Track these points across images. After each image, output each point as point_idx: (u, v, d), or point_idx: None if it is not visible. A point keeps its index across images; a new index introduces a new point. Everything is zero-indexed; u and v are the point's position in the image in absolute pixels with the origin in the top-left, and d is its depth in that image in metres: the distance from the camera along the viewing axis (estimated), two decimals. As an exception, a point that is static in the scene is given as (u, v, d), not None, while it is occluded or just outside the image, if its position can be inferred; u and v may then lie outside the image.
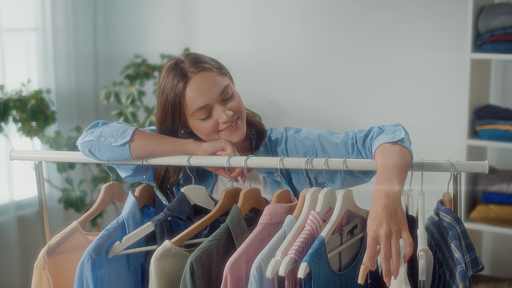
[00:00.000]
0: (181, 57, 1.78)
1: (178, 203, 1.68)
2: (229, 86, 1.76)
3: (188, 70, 1.73)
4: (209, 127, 1.74)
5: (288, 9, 3.77)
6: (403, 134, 1.59)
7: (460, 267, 1.44)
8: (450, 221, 1.53)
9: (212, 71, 1.74)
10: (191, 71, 1.72)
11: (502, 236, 3.45)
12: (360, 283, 1.41)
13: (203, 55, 1.81)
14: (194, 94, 1.71)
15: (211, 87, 1.72)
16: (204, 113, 1.73)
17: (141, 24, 4.16)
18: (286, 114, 3.81)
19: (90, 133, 1.75)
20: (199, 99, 1.72)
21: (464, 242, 1.52)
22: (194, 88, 1.72)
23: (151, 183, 1.89)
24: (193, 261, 1.47)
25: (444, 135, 3.44)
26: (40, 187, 1.86)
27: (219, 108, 1.73)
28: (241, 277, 1.48)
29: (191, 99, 1.72)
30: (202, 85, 1.72)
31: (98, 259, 1.59)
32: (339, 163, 1.64)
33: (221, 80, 1.75)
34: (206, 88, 1.72)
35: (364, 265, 1.43)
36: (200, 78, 1.72)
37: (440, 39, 3.41)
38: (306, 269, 1.41)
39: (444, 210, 1.56)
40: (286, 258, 1.42)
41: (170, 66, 1.77)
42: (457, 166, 1.59)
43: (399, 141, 1.56)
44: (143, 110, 3.76)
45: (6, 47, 3.61)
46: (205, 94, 1.71)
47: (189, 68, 1.73)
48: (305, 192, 1.63)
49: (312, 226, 1.54)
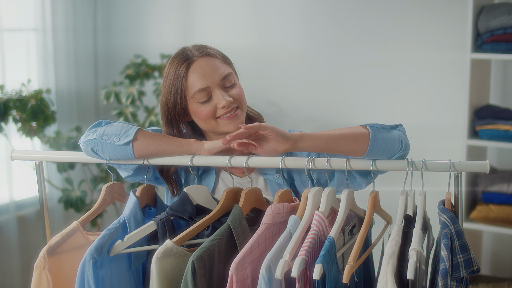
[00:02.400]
0: (188, 46, 1.83)
1: (181, 202, 1.68)
2: (232, 75, 1.79)
3: (192, 54, 1.77)
4: (208, 111, 1.75)
5: (288, 10, 3.78)
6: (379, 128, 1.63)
7: (443, 265, 1.44)
8: (444, 220, 1.53)
9: (216, 57, 1.79)
10: (196, 55, 1.77)
11: (502, 236, 3.45)
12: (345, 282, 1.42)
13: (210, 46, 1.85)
14: (196, 76, 1.75)
15: (214, 71, 1.75)
16: (204, 95, 1.74)
17: (141, 24, 4.16)
18: (286, 114, 3.81)
19: (93, 132, 1.75)
20: (200, 81, 1.74)
21: (458, 242, 1.51)
22: (197, 70, 1.75)
23: (152, 183, 1.89)
24: (194, 260, 1.47)
25: (444, 135, 3.44)
26: (40, 187, 1.86)
27: (219, 93, 1.74)
28: (246, 277, 1.48)
29: (192, 81, 1.75)
30: (205, 68, 1.75)
31: (100, 259, 1.59)
32: (342, 163, 1.64)
33: (224, 67, 1.79)
34: (208, 71, 1.75)
35: (349, 265, 1.44)
36: (204, 61, 1.76)
37: (440, 39, 3.41)
38: (321, 270, 1.42)
39: (441, 209, 1.56)
40: (297, 259, 1.42)
41: (177, 52, 1.81)
42: (458, 166, 1.59)
43: (370, 127, 1.62)
44: (143, 110, 3.76)
45: (6, 47, 3.61)
46: (206, 76, 1.74)
47: (194, 53, 1.78)
48: (307, 192, 1.63)
49: (319, 226, 1.54)
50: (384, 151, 1.62)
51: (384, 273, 1.40)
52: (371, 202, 1.64)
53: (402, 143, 1.63)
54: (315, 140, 1.64)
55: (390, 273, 1.39)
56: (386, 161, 1.63)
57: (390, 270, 1.39)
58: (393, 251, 1.44)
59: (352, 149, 1.62)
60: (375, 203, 1.66)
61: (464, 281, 1.53)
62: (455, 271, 1.51)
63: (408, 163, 1.61)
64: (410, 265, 1.38)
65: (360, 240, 1.53)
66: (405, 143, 1.65)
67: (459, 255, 1.51)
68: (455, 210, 1.61)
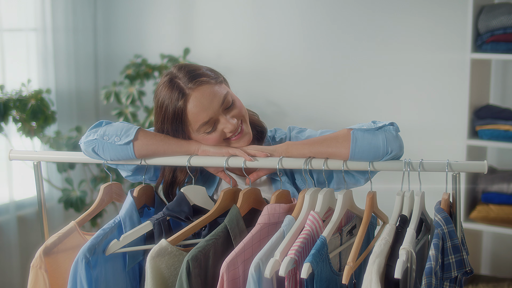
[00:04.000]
0: (174, 71, 1.75)
1: (177, 203, 1.68)
2: (228, 94, 1.74)
3: (185, 87, 1.70)
4: (216, 138, 1.73)
5: (288, 9, 3.77)
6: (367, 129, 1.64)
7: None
8: (438, 220, 1.53)
9: (209, 83, 1.72)
10: (189, 87, 1.70)
11: (502, 236, 3.45)
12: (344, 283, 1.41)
13: (197, 65, 1.79)
14: (196, 110, 1.70)
15: (212, 100, 1.70)
16: (209, 126, 1.72)
17: (141, 24, 4.16)
18: (286, 114, 3.81)
19: (93, 132, 1.75)
20: (202, 115, 1.70)
21: (450, 243, 1.51)
22: (195, 104, 1.70)
23: (154, 183, 1.89)
24: (189, 260, 1.46)
25: (444, 135, 3.43)
26: (39, 187, 1.86)
27: (223, 119, 1.72)
28: (238, 276, 1.48)
29: (194, 116, 1.70)
30: (203, 100, 1.70)
31: (93, 258, 1.59)
32: (339, 163, 1.64)
33: (219, 90, 1.73)
34: (207, 102, 1.70)
35: (348, 266, 1.43)
36: (199, 93, 1.70)
37: (440, 39, 3.41)
38: (309, 270, 1.41)
39: (437, 209, 1.56)
40: (286, 258, 1.42)
41: (165, 83, 1.74)
42: (456, 166, 1.59)
43: (354, 131, 1.64)
44: (143, 110, 3.76)
45: (6, 47, 3.61)
46: (207, 108, 1.70)
47: (186, 85, 1.70)
48: (304, 192, 1.63)
49: (312, 227, 1.53)
50: (369, 154, 1.62)
51: (369, 271, 1.39)
52: (369, 202, 1.64)
53: (387, 147, 1.61)
54: (300, 147, 1.68)
55: (375, 272, 1.38)
56: (383, 162, 1.63)
57: (375, 269, 1.38)
58: (381, 250, 1.43)
59: (336, 152, 1.64)
60: (373, 203, 1.66)
61: (458, 282, 1.52)
62: (446, 271, 1.51)
63: (406, 163, 1.60)
64: (398, 264, 1.37)
65: (359, 240, 1.52)
66: (393, 147, 1.62)
67: (451, 256, 1.51)
68: (453, 210, 1.61)
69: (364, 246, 1.70)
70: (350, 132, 1.64)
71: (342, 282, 1.42)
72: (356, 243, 1.51)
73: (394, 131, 1.64)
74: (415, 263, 1.44)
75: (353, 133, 1.63)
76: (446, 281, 1.51)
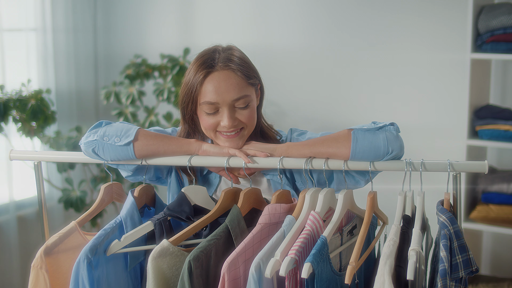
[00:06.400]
0: (222, 47, 1.78)
1: (178, 203, 1.68)
2: (248, 97, 1.74)
3: (216, 63, 1.72)
4: (210, 123, 1.73)
5: (288, 9, 3.77)
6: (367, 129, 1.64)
7: (442, 266, 1.44)
8: (443, 220, 1.53)
9: (236, 74, 1.72)
10: (219, 65, 1.71)
11: (502, 236, 3.45)
12: (347, 283, 1.42)
13: (244, 56, 1.81)
14: (210, 87, 1.70)
15: (228, 90, 1.71)
16: (211, 108, 1.72)
17: (141, 24, 4.16)
18: (286, 114, 3.81)
19: (93, 132, 1.75)
20: (212, 95, 1.70)
21: (457, 243, 1.51)
22: (213, 82, 1.71)
23: (154, 183, 1.89)
24: (191, 260, 1.47)
25: (444, 135, 3.43)
26: (39, 187, 1.86)
27: (226, 112, 1.71)
28: (238, 276, 1.48)
29: (205, 90, 1.71)
30: (221, 83, 1.71)
31: (95, 259, 1.58)
32: (339, 163, 1.64)
33: (242, 88, 1.73)
34: (223, 88, 1.70)
35: (351, 266, 1.44)
36: (222, 75, 1.71)
37: (440, 39, 3.41)
38: (310, 269, 1.41)
39: (440, 210, 1.56)
40: (286, 258, 1.42)
41: (207, 51, 1.76)
42: (456, 166, 1.59)
43: (354, 131, 1.64)
44: (143, 110, 3.76)
45: (6, 47, 3.61)
46: (219, 92, 1.70)
47: (218, 61, 1.72)
48: (304, 192, 1.63)
49: (313, 226, 1.53)
50: (370, 153, 1.62)
51: (381, 273, 1.39)
52: (369, 202, 1.64)
53: (387, 147, 1.62)
54: (300, 147, 1.69)
55: (388, 273, 1.38)
56: (384, 162, 1.63)
57: (387, 270, 1.39)
58: (390, 251, 1.44)
59: (337, 152, 1.65)
60: (374, 203, 1.66)
61: (463, 281, 1.52)
62: (454, 271, 1.51)
63: (407, 163, 1.61)
64: (410, 265, 1.38)
65: (361, 240, 1.52)
66: (394, 147, 1.62)
67: (458, 256, 1.51)
68: (454, 210, 1.61)
69: (365, 246, 1.70)
70: (350, 132, 1.65)
71: (345, 282, 1.42)
72: (358, 243, 1.51)
73: (394, 131, 1.64)
74: (423, 264, 1.44)
75: (354, 133, 1.63)
76: (452, 281, 1.51)
